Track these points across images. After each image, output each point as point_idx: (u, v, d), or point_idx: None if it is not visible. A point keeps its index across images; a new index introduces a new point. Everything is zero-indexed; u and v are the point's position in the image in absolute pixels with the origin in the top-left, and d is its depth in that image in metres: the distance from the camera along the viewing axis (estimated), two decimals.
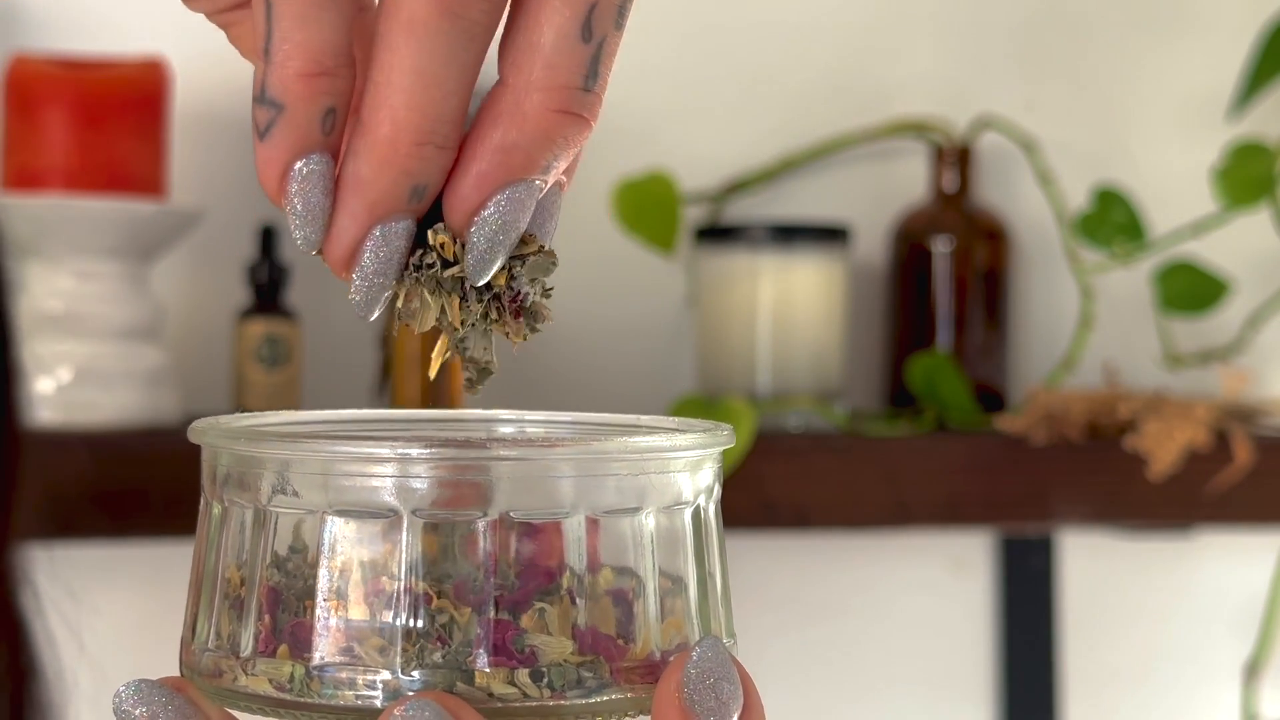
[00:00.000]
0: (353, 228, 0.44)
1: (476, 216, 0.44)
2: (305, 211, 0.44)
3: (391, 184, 0.44)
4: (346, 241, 0.44)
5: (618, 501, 0.46)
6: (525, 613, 0.44)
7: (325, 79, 0.43)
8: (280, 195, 0.44)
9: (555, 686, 0.44)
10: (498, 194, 0.44)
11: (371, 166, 0.43)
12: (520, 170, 0.44)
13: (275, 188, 0.44)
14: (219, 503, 0.47)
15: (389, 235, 0.44)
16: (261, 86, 0.44)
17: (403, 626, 0.44)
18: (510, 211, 0.44)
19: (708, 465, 0.48)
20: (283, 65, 0.43)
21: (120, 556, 1.40)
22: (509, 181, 0.44)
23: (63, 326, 1.29)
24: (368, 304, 0.45)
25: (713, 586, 0.48)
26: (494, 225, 0.44)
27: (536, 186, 0.45)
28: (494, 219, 0.44)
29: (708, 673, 0.45)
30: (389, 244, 0.44)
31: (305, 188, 0.44)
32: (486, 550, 0.44)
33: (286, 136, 0.44)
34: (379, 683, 0.43)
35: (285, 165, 0.44)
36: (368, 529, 0.44)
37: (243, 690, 0.45)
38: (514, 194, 0.44)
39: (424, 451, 0.44)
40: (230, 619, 0.46)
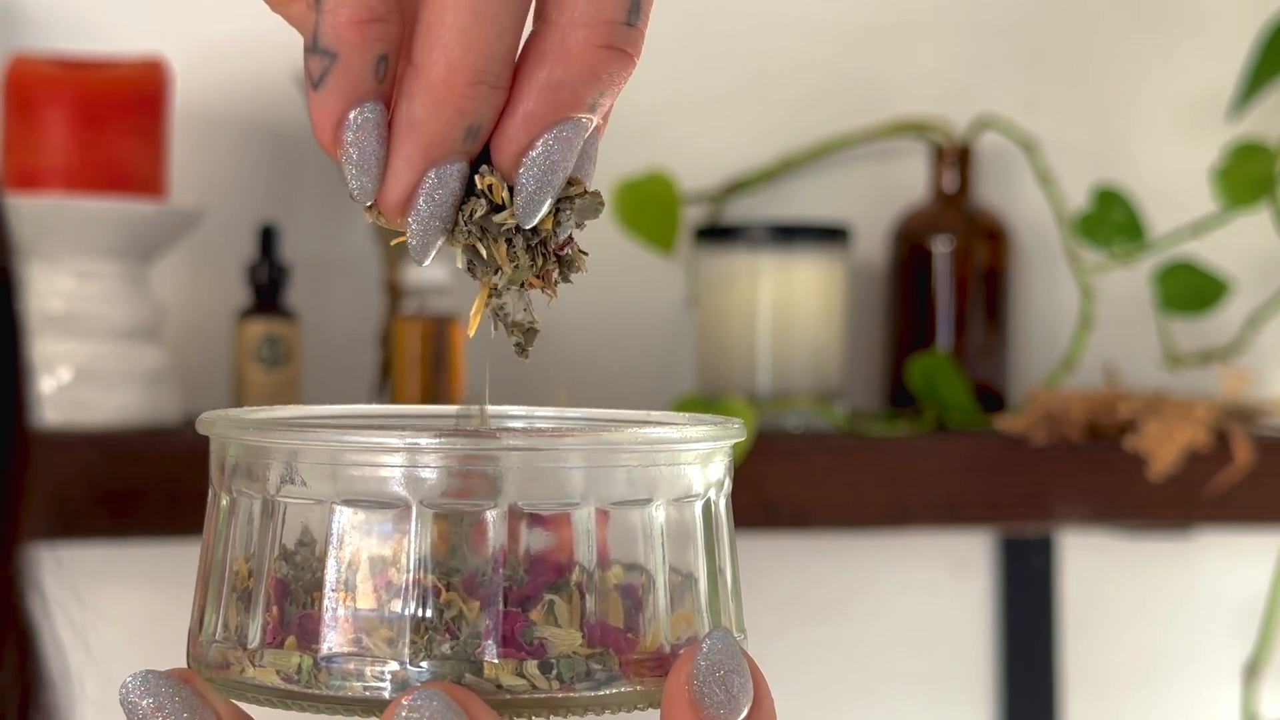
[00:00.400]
0: (408, 171, 0.44)
1: (525, 156, 0.44)
2: (361, 160, 0.44)
3: (446, 124, 0.43)
4: (403, 185, 0.44)
5: (627, 493, 0.46)
6: (534, 605, 0.44)
7: (377, 25, 0.43)
8: (335, 145, 0.44)
9: (564, 679, 0.44)
10: (546, 133, 0.44)
11: (426, 107, 0.43)
12: (568, 108, 0.44)
13: (330, 137, 0.44)
14: (227, 494, 0.46)
15: (444, 177, 0.44)
16: (314, 36, 0.43)
17: (411, 617, 0.43)
18: (559, 150, 0.44)
19: (718, 458, 0.48)
20: (334, 13, 0.43)
21: (120, 556, 1.40)
22: (557, 120, 0.44)
23: (63, 326, 1.29)
24: (423, 248, 0.45)
25: (723, 581, 0.48)
26: (543, 165, 0.44)
27: (584, 125, 0.44)
28: (542, 158, 0.44)
29: (717, 665, 0.44)
30: (444, 186, 0.44)
31: (360, 136, 0.44)
32: (496, 541, 0.44)
33: (340, 85, 0.44)
34: (387, 674, 0.43)
35: (340, 114, 0.44)
36: (376, 519, 0.44)
37: (250, 682, 0.45)
38: (562, 133, 0.44)
39: (433, 441, 0.44)
40: (238, 610, 0.45)
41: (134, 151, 1.32)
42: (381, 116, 0.44)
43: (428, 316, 1.36)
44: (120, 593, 1.43)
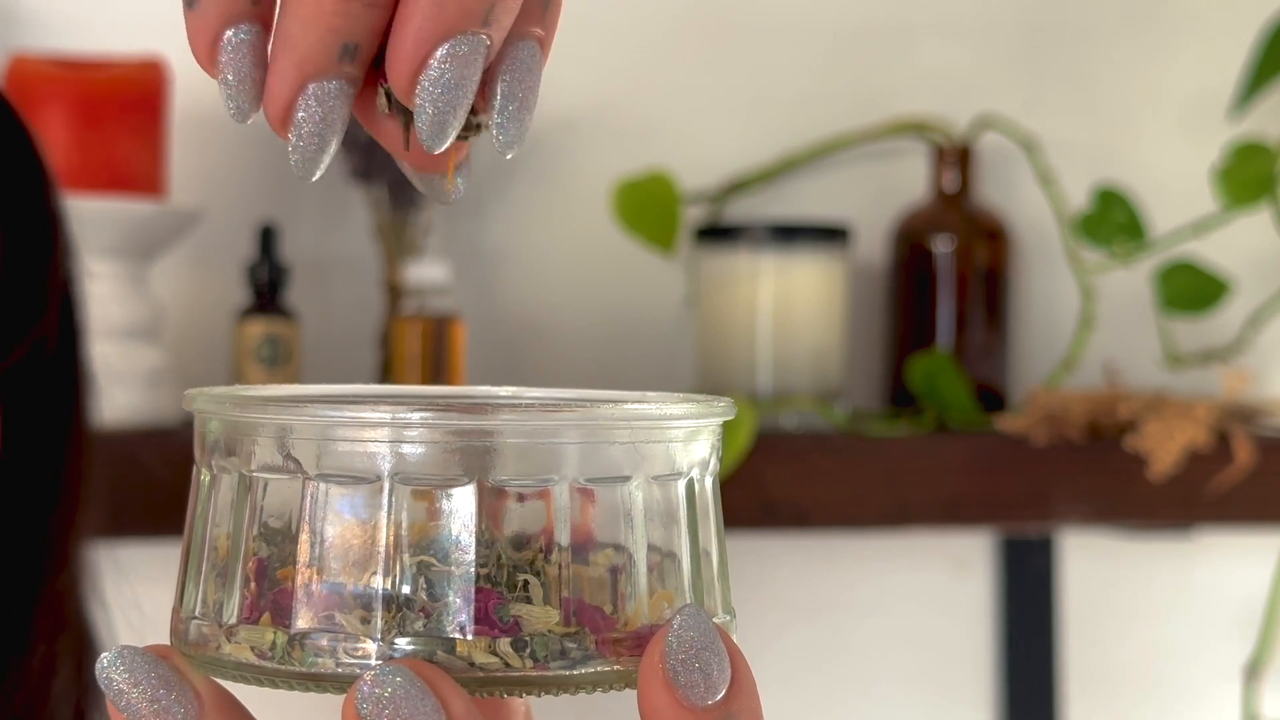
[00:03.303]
0: (283, 87, 0.43)
1: (420, 78, 0.43)
2: (237, 81, 0.44)
3: (318, 41, 0.43)
4: (279, 100, 0.44)
5: (607, 470, 0.45)
6: (510, 582, 0.44)
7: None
8: (211, 65, 0.44)
9: (538, 657, 0.44)
10: (437, 50, 0.43)
11: (299, 23, 0.43)
12: (457, 22, 0.43)
13: (206, 57, 0.44)
14: (208, 470, 0.46)
15: (322, 95, 0.43)
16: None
17: (384, 594, 0.43)
18: (454, 69, 0.43)
19: (703, 437, 0.48)
20: None
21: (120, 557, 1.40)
22: (446, 36, 0.43)
23: None
24: (306, 164, 0.44)
25: (708, 561, 0.48)
26: (440, 85, 0.43)
27: (481, 40, 0.43)
28: (437, 78, 0.43)
29: (688, 642, 0.44)
30: (322, 104, 0.43)
31: (236, 57, 0.44)
32: (472, 518, 0.44)
33: (215, 4, 0.43)
34: (360, 650, 0.43)
35: (215, 34, 0.44)
36: (351, 495, 0.44)
37: (226, 658, 0.45)
38: (455, 49, 0.43)
39: (411, 416, 0.43)
40: (216, 587, 0.45)
41: (134, 151, 1.33)
42: (258, 38, 0.43)
43: (427, 316, 1.36)
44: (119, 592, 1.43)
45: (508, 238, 1.53)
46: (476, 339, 1.48)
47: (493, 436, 0.44)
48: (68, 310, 0.97)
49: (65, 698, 0.95)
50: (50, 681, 0.94)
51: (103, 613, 1.00)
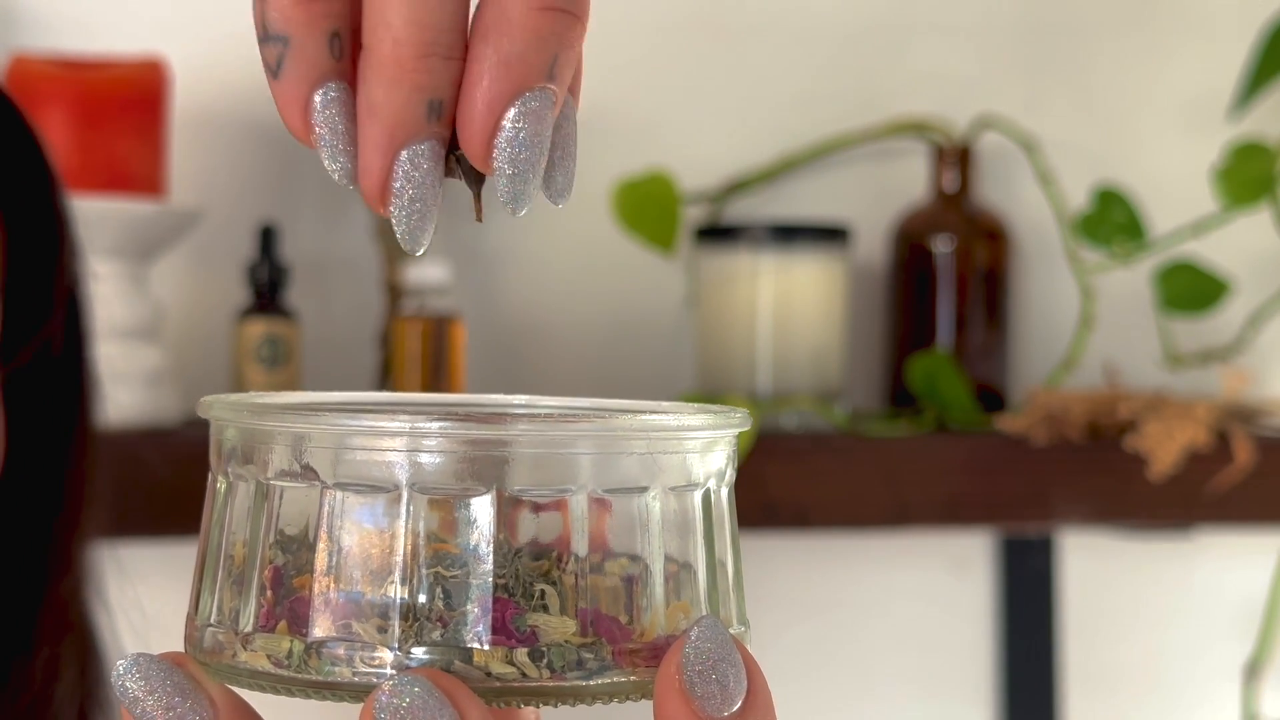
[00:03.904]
0: (377, 156, 0.43)
1: (495, 140, 0.43)
2: (334, 140, 0.44)
3: (405, 102, 0.43)
4: (375, 172, 0.43)
5: (625, 480, 0.45)
6: (527, 592, 0.44)
7: (321, 3, 0.43)
8: (306, 130, 0.43)
9: (555, 667, 0.43)
10: (509, 110, 0.43)
11: (382, 88, 0.43)
12: (524, 79, 0.43)
13: (300, 123, 0.43)
14: (224, 477, 0.46)
15: (416, 159, 0.43)
16: (263, 24, 0.43)
17: (402, 604, 0.43)
18: (529, 126, 0.43)
19: (720, 448, 0.48)
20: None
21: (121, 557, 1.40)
22: (518, 94, 0.43)
23: None
24: (412, 235, 0.44)
25: (724, 572, 0.48)
26: (516, 144, 0.43)
27: (550, 94, 0.44)
28: (513, 137, 0.43)
29: (705, 654, 0.44)
30: (417, 168, 0.43)
31: (328, 115, 0.43)
32: (490, 527, 0.44)
33: (299, 68, 0.43)
34: (377, 660, 0.43)
35: (305, 98, 0.43)
36: (369, 504, 0.44)
37: (242, 666, 0.44)
38: (526, 106, 0.43)
39: (430, 426, 0.43)
40: (233, 594, 0.45)
41: (134, 151, 1.32)
42: (346, 94, 0.43)
43: (427, 316, 1.36)
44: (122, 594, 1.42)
45: (508, 238, 1.53)
46: (476, 339, 1.48)
47: (510, 446, 0.44)
48: (73, 313, 0.97)
49: (69, 700, 0.95)
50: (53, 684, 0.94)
51: (106, 614, 1.00)
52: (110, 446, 1.04)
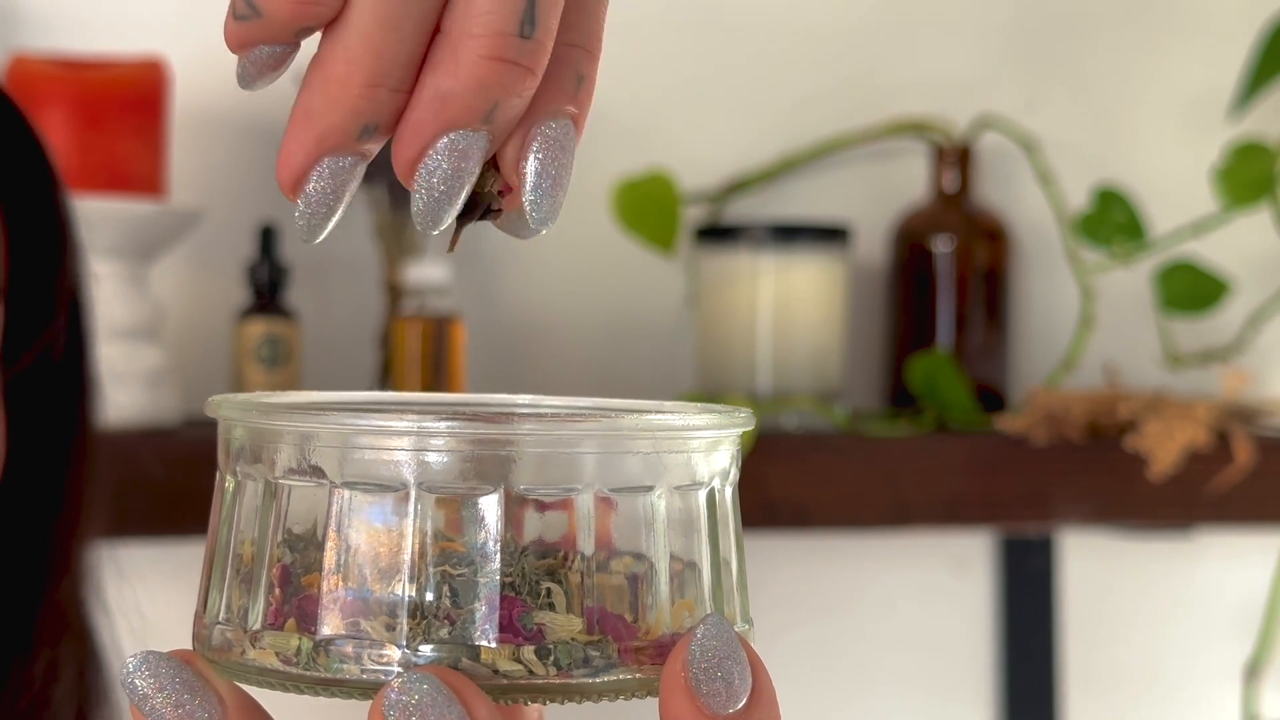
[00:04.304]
0: (300, 155, 0.44)
1: (418, 166, 0.44)
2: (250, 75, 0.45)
3: (340, 120, 0.44)
4: (293, 167, 0.45)
5: (630, 480, 0.45)
6: (533, 590, 0.44)
7: (310, 6, 0.44)
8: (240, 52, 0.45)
9: (561, 665, 0.44)
10: (436, 142, 0.44)
11: (323, 101, 0.44)
12: (458, 119, 0.44)
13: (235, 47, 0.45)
14: (232, 476, 0.47)
15: (335, 169, 0.44)
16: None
17: (410, 602, 0.43)
18: (449, 161, 0.44)
19: (724, 447, 0.48)
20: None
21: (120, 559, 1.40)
22: (446, 130, 0.44)
23: None
24: (310, 230, 0.45)
25: (728, 571, 0.48)
26: (433, 175, 0.44)
27: (481, 136, 0.44)
28: (432, 169, 0.44)
29: (711, 651, 0.44)
30: (335, 178, 0.44)
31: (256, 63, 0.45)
32: (496, 526, 0.44)
33: (256, 31, 0.44)
34: (385, 657, 0.43)
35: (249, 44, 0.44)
36: (378, 502, 0.44)
37: (250, 663, 0.45)
38: (454, 144, 0.44)
39: (435, 425, 0.43)
40: (241, 593, 0.45)
41: (134, 151, 1.32)
42: (288, 56, 0.45)
43: (427, 316, 1.36)
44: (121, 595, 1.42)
45: (508, 238, 1.53)
46: (476, 339, 1.48)
47: (517, 446, 0.44)
48: (75, 316, 0.97)
49: (67, 701, 0.95)
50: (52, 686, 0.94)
51: (105, 616, 1.00)
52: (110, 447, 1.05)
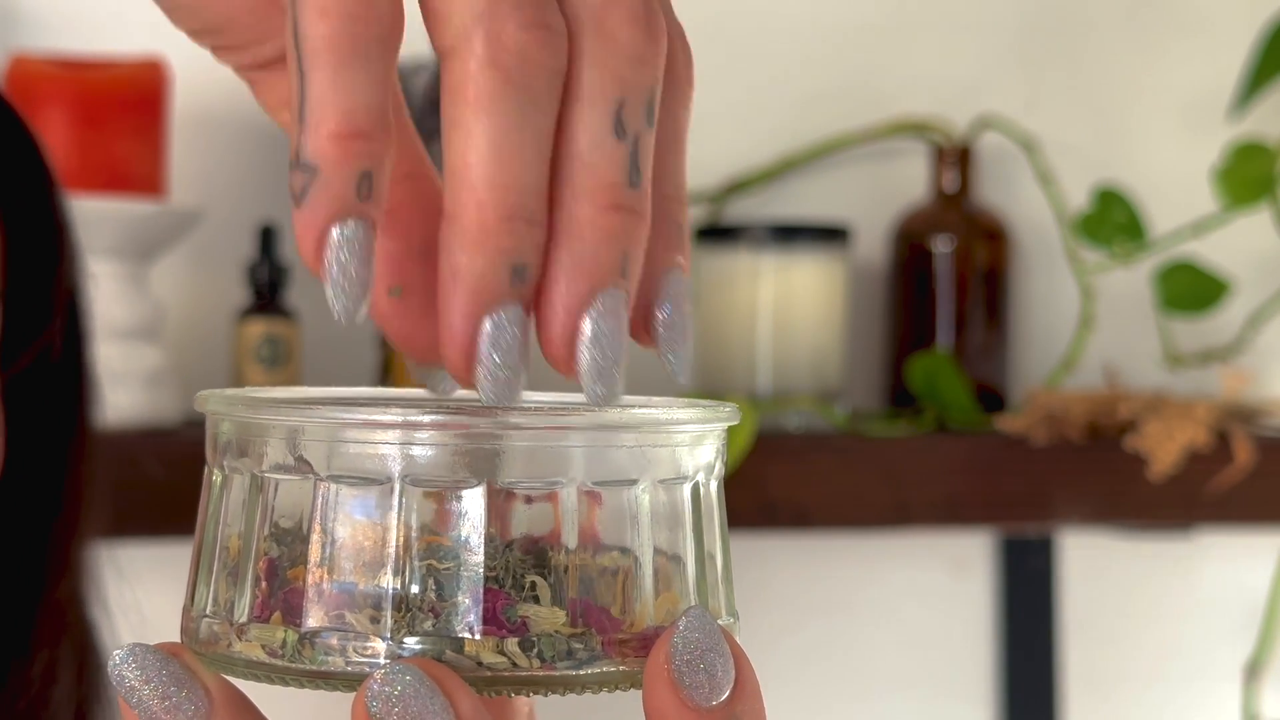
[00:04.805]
0: (462, 322, 0.43)
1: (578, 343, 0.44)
2: (342, 280, 0.43)
3: (489, 265, 0.42)
4: (460, 338, 0.43)
5: (614, 473, 0.45)
6: (517, 583, 0.44)
7: (360, 141, 0.42)
8: (317, 261, 0.43)
9: (545, 657, 0.44)
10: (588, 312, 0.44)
11: (466, 252, 0.42)
12: (601, 279, 0.43)
13: (312, 254, 0.43)
14: (220, 470, 0.47)
15: (501, 325, 0.43)
16: (296, 151, 0.42)
17: (394, 594, 0.44)
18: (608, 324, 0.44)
19: (709, 441, 0.48)
20: (316, 128, 0.42)
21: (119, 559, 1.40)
22: (594, 294, 0.43)
23: None
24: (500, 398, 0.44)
25: (712, 564, 0.48)
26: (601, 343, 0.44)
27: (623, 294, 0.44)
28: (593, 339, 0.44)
29: (694, 644, 0.44)
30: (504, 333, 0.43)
31: (343, 255, 0.42)
32: (481, 520, 0.44)
33: (321, 200, 0.42)
34: (370, 649, 0.44)
35: (321, 231, 0.42)
36: (363, 496, 0.44)
37: (236, 656, 0.45)
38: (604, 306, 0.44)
39: (421, 418, 0.44)
40: (227, 586, 0.46)
41: (134, 151, 1.33)
42: (366, 235, 0.42)
43: None
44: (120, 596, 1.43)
45: None
46: None
47: (502, 439, 0.44)
48: (73, 317, 0.97)
49: (66, 703, 0.95)
50: (51, 687, 0.94)
51: (104, 617, 1.00)
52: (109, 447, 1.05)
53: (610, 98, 0.44)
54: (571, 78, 0.44)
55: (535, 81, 0.43)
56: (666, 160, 0.46)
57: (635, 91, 0.44)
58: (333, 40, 0.42)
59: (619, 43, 0.44)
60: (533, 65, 0.42)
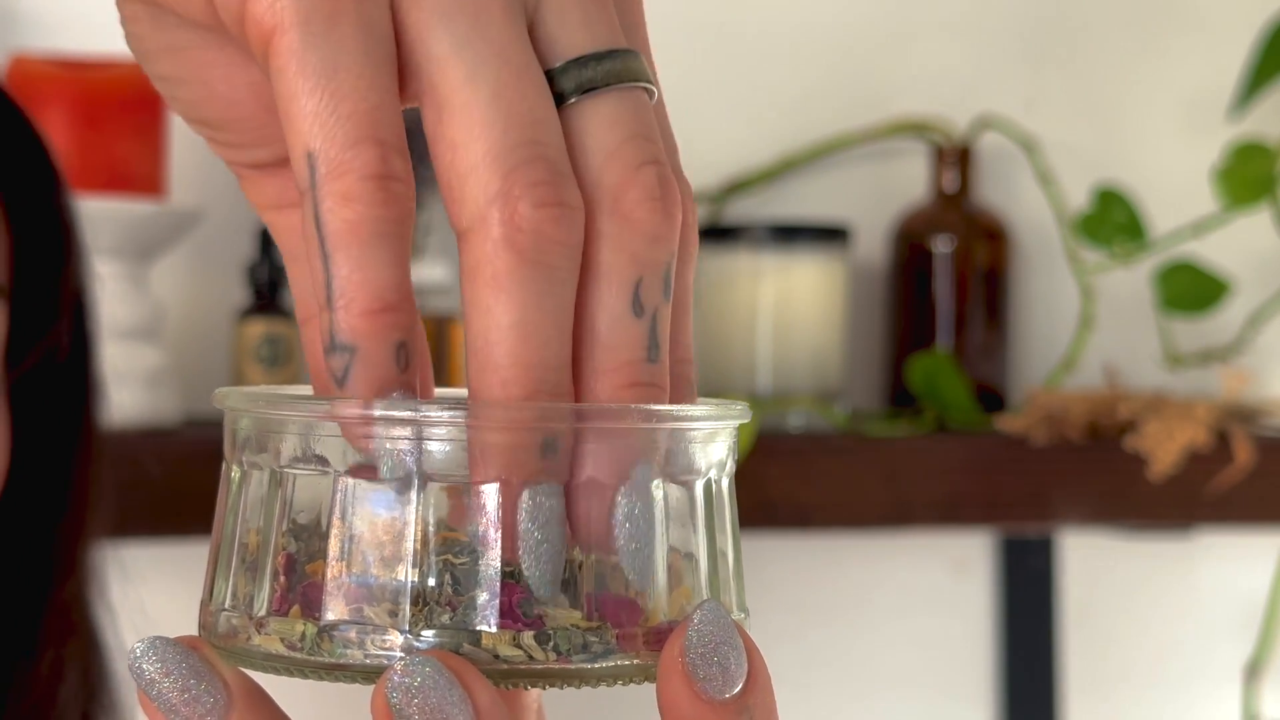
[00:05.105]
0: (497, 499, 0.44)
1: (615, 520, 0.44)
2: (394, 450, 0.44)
3: (517, 442, 0.43)
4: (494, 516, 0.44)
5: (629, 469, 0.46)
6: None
7: (390, 314, 0.43)
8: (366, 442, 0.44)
9: (561, 650, 0.44)
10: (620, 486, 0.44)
11: (491, 429, 0.43)
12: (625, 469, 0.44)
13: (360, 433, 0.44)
14: (238, 466, 0.47)
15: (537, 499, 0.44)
16: (330, 335, 0.43)
17: (412, 588, 0.44)
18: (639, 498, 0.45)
19: (721, 438, 0.49)
20: (348, 309, 0.43)
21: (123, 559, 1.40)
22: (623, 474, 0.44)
23: None
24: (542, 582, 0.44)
25: (724, 561, 0.48)
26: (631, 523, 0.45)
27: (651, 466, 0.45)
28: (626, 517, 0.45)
29: (708, 637, 0.45)
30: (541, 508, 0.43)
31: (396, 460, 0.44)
32: (497, 514, 0.44)
33: (364, 377, 0.43)
34: (388, 642, 0.44)
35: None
36: (381, 490, 0.44)
37: (256, 649, 0.45)
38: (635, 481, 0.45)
39: (440, 414, 0.44)
40: (246, 580, 0.46)
41: (134, 151, 1.33)
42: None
43: (427, 316, 1.36)
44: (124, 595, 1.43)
45: None
46: None
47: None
48: (80, 317, 0.97)
49: (72, 702, 0.96)
50: (57, 686, 0.95)
51: (109, 616, 1.00)
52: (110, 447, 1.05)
53: (628, 278, 0.45)
54: (589, 256, 0.44)
55: (552, 259, 0.43)
56: (678, 322, 0.48)
57: (652, 268, 0.45)
58: (355, 225, 0.43)
59: (636, 222, 0.45)
60: (548, 243, 0.43)
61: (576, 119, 0.45)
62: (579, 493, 0.44)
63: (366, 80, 0.43)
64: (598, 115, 0.45)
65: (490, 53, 0.43)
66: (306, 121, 0.43)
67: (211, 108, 0.48)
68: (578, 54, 0.45)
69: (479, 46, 0.43)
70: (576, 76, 0.45)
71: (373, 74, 0.43)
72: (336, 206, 0.43)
